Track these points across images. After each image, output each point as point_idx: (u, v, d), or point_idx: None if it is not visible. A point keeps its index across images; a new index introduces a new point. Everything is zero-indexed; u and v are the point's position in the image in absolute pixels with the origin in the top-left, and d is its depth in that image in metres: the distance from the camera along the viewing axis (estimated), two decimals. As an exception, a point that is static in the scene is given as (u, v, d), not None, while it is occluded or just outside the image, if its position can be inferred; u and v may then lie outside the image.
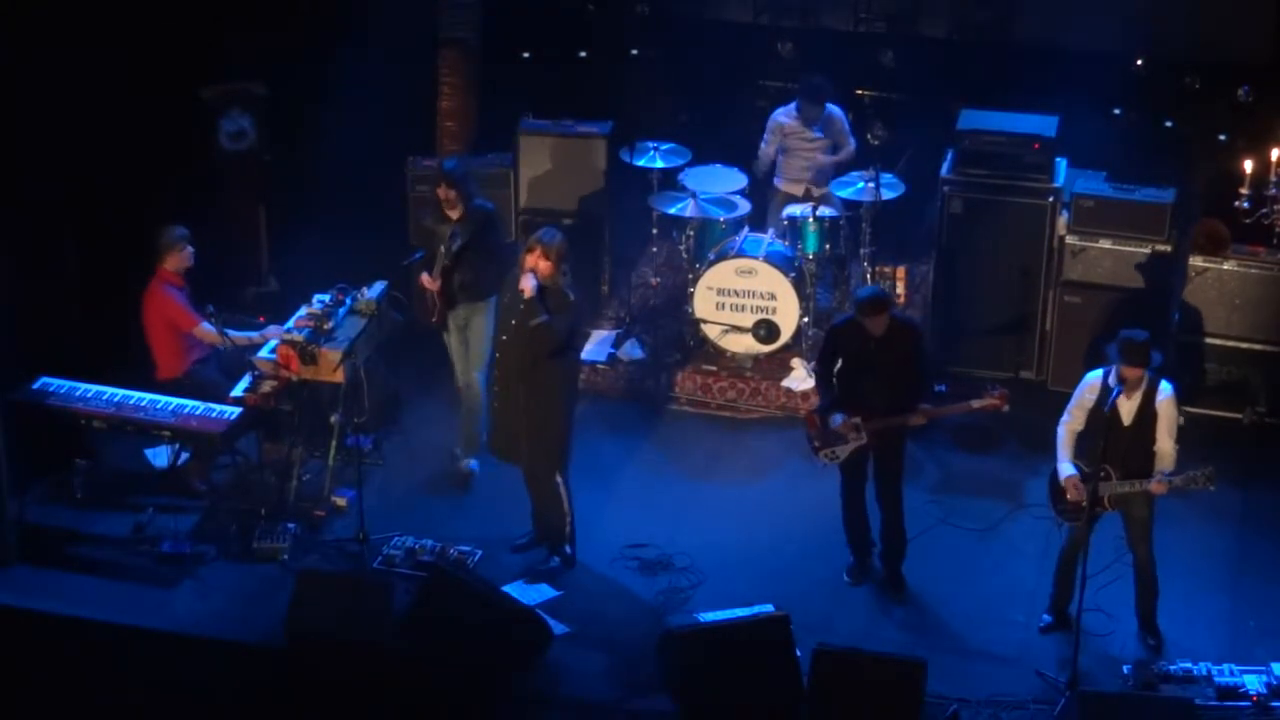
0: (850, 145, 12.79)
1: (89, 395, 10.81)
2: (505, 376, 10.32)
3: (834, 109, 12.75)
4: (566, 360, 10.35)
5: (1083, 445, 9.74)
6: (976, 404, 10.19)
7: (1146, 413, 9.54)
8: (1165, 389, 9.57)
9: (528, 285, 10.07)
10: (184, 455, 11.09)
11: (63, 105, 11.87)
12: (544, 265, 10.11)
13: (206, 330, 10.97)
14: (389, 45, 12.87)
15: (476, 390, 11.18)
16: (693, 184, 12.72)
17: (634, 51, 14.90)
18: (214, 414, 10.68)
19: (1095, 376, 9.69)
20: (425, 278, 11.01)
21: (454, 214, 10.98)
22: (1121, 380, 9.49)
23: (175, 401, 10.74)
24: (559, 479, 10.45)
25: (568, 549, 10.58)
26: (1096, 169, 12.26)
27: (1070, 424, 9.76)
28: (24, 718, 9.63)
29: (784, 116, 12.77)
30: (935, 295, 12.50)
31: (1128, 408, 9.55)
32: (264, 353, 10.89)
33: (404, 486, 11.30)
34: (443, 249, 10.98)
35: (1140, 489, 9.54)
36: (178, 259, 11.03)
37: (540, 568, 10.54)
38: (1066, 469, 9.70)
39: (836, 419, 10.10)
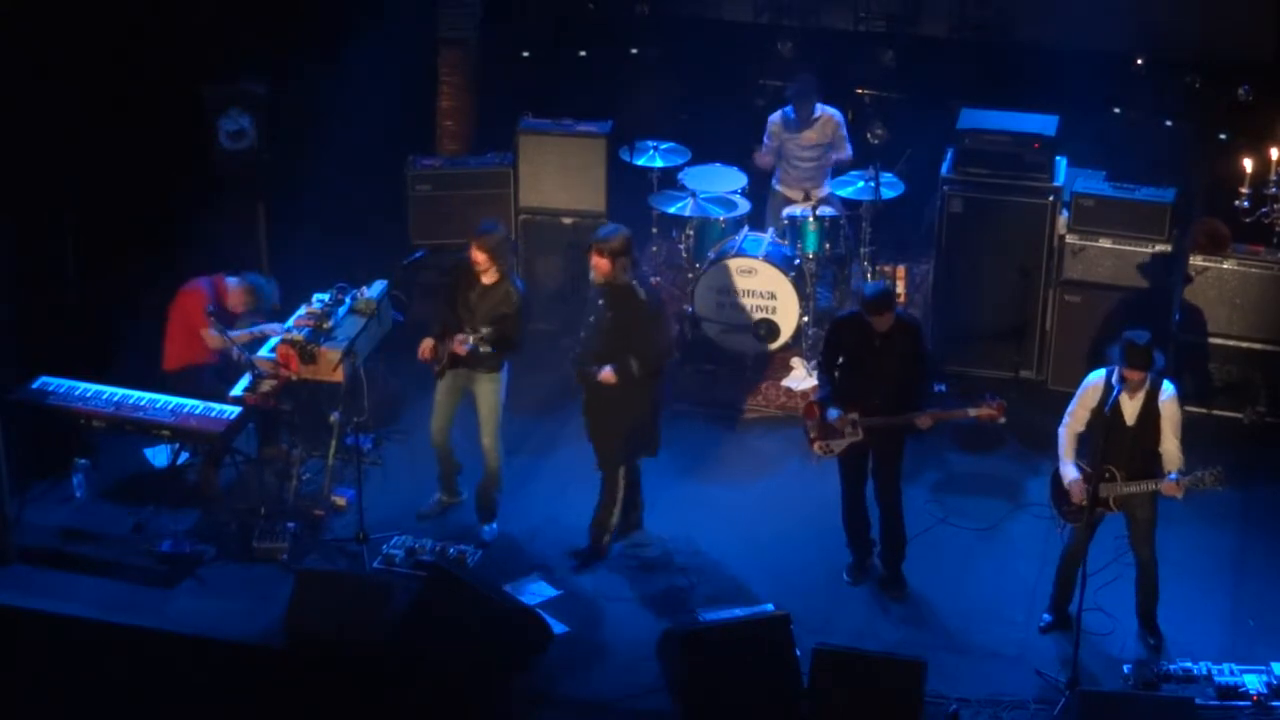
0: (847, 151, 12.77)
1: (89, 395, 10.81)
2: (587, 363, 10.29)
3: (832, 111, 12.74)
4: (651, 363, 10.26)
5: (1085, 446, 9.74)
6: (974, 412, 10.18)
7: (1150, 413, 9.53)
8: (1168, 389, 9.56)
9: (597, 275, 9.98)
10: (184, 455, 11.11)
11: (62, 105, 11.87)
12: (602, 263, 10.02)
13: (211, 335, 10.98)
14: (389, 45, 12.86)
15: (493, 456, 10.81)
16: (692, 183, 12.73)
17: (634, 51, 14.90)
18: (214, 414, 10.68)
19: (1098, 377, 9.68)
20: (458, 341, 10.35)
21: (486, 279, 10.47)
22: (1123, 381, 9.48)
23: (175, 401, 10.75)
24: (621, 471, 10.46)
25: (606, 539, 10.61)
26: (1096, 168, 12.26)
27: (1072, 425, 9.74)
28: (24, 718, 9.62)
29: (780, 119, 12.77)
30: (935, 295, 12.50)
31: (1131, 408, 9.54)
32: (264, 352, 10.90)
33: (404, 486, 11.30)
34: (468, 311, 10.50)
35: (1149, 490, 9.53)
36: (237, 298, 11.15)
37: (572, 553, 10.64)
38: (1070, 471, 9.69)
39: (833, 414, 10.12)
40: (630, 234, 10.22)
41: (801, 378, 12.28)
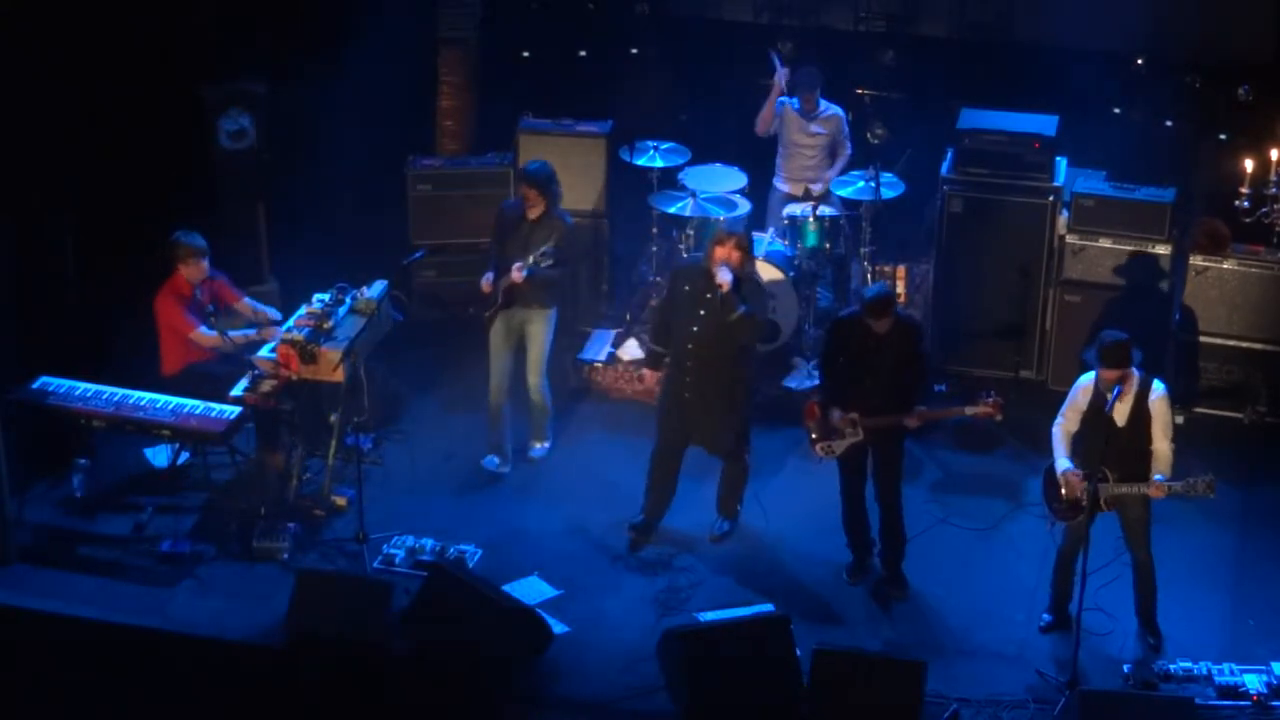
0: (847, 150, 12.80)
1: (89, 395, 10.80)
2: (699, 367, 10.37)
3: (835, 109, 12.77)
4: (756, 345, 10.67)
5: (1077, 446, 9.74)
6: (970, 410, 10.18)
7: (1140, 413, 9.53)
8: (1158, 388, 9.55)
9: (726, 280, 10.13)
10: (184, 455, 11.12)
11: (62, 105, 11.86)
12: (736, 256, 10.21)
13: (203, 334, 11.00)
14: (389, 45, 12.87)
15: (539, 395, 11.38)
16: (692, 183, 12.73)
17: (634, 51, 14.90)
18: (214, 413, 10.68)
19: (1088, 378, 9.67)
20: (515, 269, 10.86)
21: (533, 214, 11.04)
22: (1103, 382, 9.49)
23: (175, 401, 10.74)
24: (749, 456, 10.74)
25: (739, 511, 10.89)
26: (1096, 168, 12.26)
27: (1064, 425, 9.75)
28: (24, 718, 9.62)
29: (789, 105, 12.80)
30: (935, 295, 12.50)
31: (1121, 409, 9.53)
32: (264, 352, 10.90)
33: (404, 486, 11.30)
34: (519, 249, 10.98)
35: (1139, 491, 9.53)
36: (191, 270, 11.06)
37: (714, 532, 10.78)
38: (1064, 464, 9.69)
39: (835, 414, 10.12)
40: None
41: (802, 378, 12.27)
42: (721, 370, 10.35)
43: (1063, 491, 9.67)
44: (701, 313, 10.27)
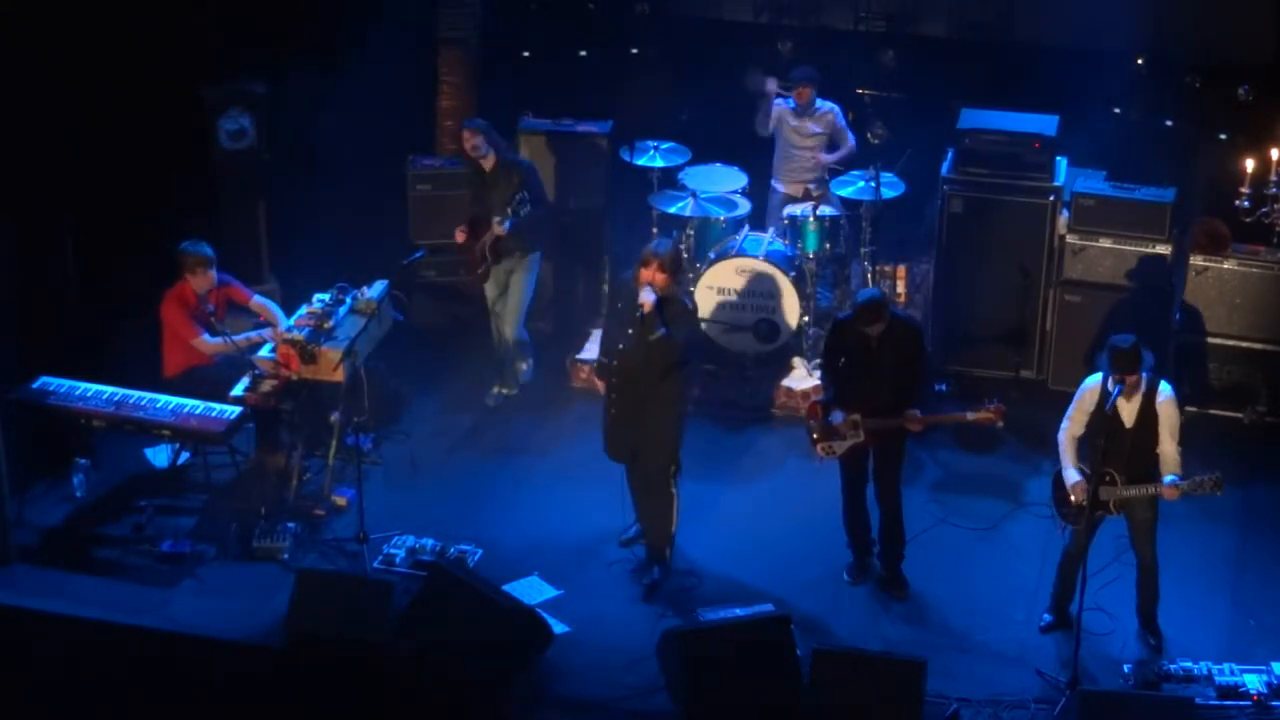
0: (850, 142, 12.79)
1: (89, 395, 10.81)
2: (623, 384, 10.23)
3: (829, 105, 12.76)
4: (687, 367, 10.32)
5: (1083, 450, 9.73)
6: (971, 416, 10.17)
7: (1147, 415, 9.52)
8: (1165, 390, 9.55)
9: (648, 300, 9.97)
10: (184, 455, 11.12)
11: (63, 105, 11.87)
12: (660, 278, 10.03)
13: (206, 342, 10.99)
14: (389, 45, 12.87)
15: (513, 344, 11.93)
16: (692, 183, 12.73)
17: (634, 50, 14.90)
18: (214, 413, 10.68)
19: (1095, 380, 9.66)
20: (496, 224, 11.47)
21: (487, 164, 11.61)
22: (1119, 385, 9.48)
23: (175, 401, 10.75)
24: (673, 486, 10.39)
25: (667, 555, 10.50)
26: (1097, 168, 12.26)
27: (1070, 429, 9.73)
28: (24, 718, 9.63)
29: (784, 105, 12.78)
30: (935, 295, 12.50)
31: (1128, 410, 9.53)
32: (264, 352, 10.90)
33: (404, 486, 11.30)
34: (492, 201, 11.58)
35: (1149, 494, 9.52)
36: (198, 280, 11.05)
37: (643, 581, 10.45)
38: (1072, 475, 9.67)
39: (837, 416, 10.12)
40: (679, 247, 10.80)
41: (801, 377, 12.28)
42: (642, 391, 10.18)
43: (1072, 499, 9.66)
44: (630, 330, 10.19)
